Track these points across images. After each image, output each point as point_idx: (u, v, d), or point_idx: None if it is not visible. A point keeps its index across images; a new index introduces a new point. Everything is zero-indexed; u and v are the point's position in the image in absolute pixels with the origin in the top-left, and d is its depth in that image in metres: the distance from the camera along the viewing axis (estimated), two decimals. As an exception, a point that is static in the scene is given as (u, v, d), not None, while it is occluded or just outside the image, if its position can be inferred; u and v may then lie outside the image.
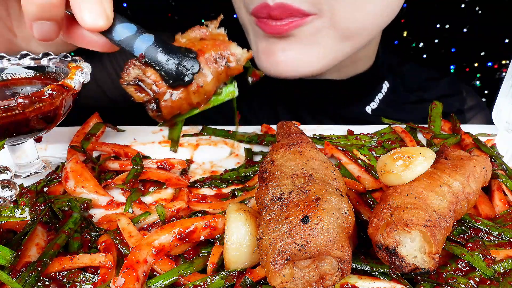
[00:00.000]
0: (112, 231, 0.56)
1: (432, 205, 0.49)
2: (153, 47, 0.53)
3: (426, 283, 0.49)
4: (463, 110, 1.16)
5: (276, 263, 0.41)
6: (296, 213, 0.43)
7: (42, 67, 0.70)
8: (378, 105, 1.10)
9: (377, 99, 1.11)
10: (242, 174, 0.70)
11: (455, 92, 1.18)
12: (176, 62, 0.53)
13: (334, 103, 1.08)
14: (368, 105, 1.10)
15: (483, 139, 0.77)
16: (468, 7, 1.46)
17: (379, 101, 1.11)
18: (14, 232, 0.56)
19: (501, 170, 0.68)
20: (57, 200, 0.61)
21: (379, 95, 1.11)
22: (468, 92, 1.20)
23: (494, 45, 1.50)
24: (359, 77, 1.07)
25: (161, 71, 0.53)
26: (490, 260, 0.51)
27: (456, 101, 1.16)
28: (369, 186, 0.66)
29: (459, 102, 1.17)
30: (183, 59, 0.54)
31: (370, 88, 1.11)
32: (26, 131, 0.62)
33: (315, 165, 0.52)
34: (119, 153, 0.74)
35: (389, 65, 1.14)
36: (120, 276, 0.47)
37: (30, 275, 0.49)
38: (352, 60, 1.01)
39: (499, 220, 0.59)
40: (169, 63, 0.53)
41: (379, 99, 1.11)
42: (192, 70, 0.54)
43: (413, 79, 1.17)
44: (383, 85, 1.12)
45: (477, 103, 1.20)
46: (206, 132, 0.83)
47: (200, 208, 0.62)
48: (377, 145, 0.78)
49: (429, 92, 1.15)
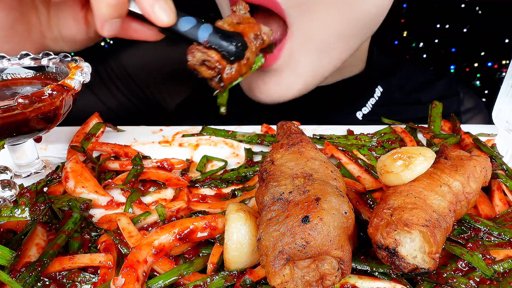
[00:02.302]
0: (112, 231, 0.56)
1: (432, 205, 0.49)
2: (213, 34, 0.68)
3: (426, 283, 0.49)
4: (460, 112, 1.16)
5: (276, 263, 0.41)
6: (296, 213, 0.43)
7: (42, 67, 0.70)
8: (370, 109, 1.10)
9: (369, 104, 1.10)
10: (242, 174, 0.70)
11: (453, 93, 1.17)
12: (234, 44, 0.69)
13: (324, 109, 1.08)
14: (360, 110, 1.09)
15: (483, 139, 0.77)
16: (468, 7, 1.46)
17: (372, 105, 1.10)
18: (14, 232, 0.56)
19: (501, 170, 0.68)
20: (57, 200, 0.61)
21: (371, 100, 1.11)
22: (466, 93, 1.20)
23: (494, 45, 1.50)
24: (348, 83, 1.06)
25: (223, 51, 0.68)
26: (490, 260, 0.51)
27: (453, 103, 1.16)
28: (369, 186, 0.66)
29: (456, 104, 1.16)
30: (237, 41, 0.69)
31: (361, 94, 1.10)
32: (26, 131, 0.62)
33: (315, 165, 0.52)
34: (119, 153, 0.74)
35: (383, 68, 1.14)
36: (120, 276, 0.47)
37: (30, 275, 0.49)
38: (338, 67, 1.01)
39: (499, 220, 0.59)
40: (229, 45, 0.68)
41: (372, 104, 1.10)
42: (244, 48, 0.70)
43: (409, 81, 1.16)
44: (376, 89, 1.12)
45: (475, 105, 1.19)
46: (206, 132, 0.83)
47: (200, 208, 0.62)
48: (377, 145, 0.78)
49: (426, 94, 1.15)
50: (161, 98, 1.18)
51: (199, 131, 0.83)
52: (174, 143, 0.81)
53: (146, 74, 1.17)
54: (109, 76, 1.19)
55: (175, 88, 1.17)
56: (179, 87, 1.17)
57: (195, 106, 1.15)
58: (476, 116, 1.18)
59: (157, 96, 1.18)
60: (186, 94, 1.16)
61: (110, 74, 1.19)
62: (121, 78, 1.18)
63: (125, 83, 1.18)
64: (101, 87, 1.17)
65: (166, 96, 1.18)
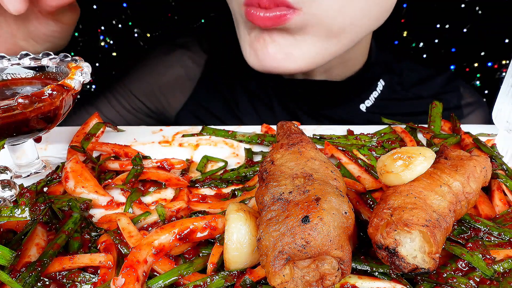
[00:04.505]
0: (112, 231, 0.56)
1: (432, 205, 0.49)
2: None
3: (426, 283, 0.49)
4: (461, 106, 1.17)
5: (276, 263, 0.41)
6: (296, 213, 0.43)
7: (42, 67, 0.70)
8: (373, 103, 1.12)
9: (372, 97, 1.12)
10: (242, 174, 0.70)
11: (452, 88, 1.18)
12: None
13: (329, 104, 1.10)
14: (363, 103, 1.11)
15: (483, 139, 0.77)
16: (468, 7, 1.46)
17: (375, 99, 1.12)
18: (14, 232, 0.56)
19: (501, 170, 0.68)
20: (57, 200, 0.61)
21: (374, 93, 1.12)
22: (465, 88, 1.21)
23: (494, 45, 1.50)
24: (353, 78, 1.08)
25: None
26: (490, 260, 0.51)
27: (453, 97, 1.17)
28: (369, 186, 0.66)
29: (456, 98, 1.17)
30: None
31: (364, 88, 1.12)
32: (26, 131, 0.62)
33: (315, 165, 0.52)
34: (119, 153, 0.74)
35: (384, 63, 1.15)
36: (120, 276, 0.47)
37: (30, 275, 0.49)
38: (341, 61, 1.02)
39: (499, 220, 0.59)
40: None
41: (374, 97, 1.12)
42: None
43: (410, 76, 1.18)
44: (378, 83, 1.13)
45: (476, 100, 1.20)
46: (206, 132, 0.83)
47: (200, 208, 0.62)
48: (377, 145, 0.78)
49: (426, 89, 1.16)
50: (162, 108, 1.20)
51: (199, 131, 0.83)
52: (174, 143, 0.81)
53: (145, 87, 1.19)
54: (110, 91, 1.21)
55: (173, 97, 1.18)
56: (177, 95, 1.18)
57: (194, 110, 1.16)
58: (477, 110, 1.19)
59: (158, 106, 1.20)
60: (184, 101, 1.17)
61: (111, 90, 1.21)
62: (121, 93, 1.20)
63: (126, 97, 1.20)
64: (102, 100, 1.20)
65: (166, 106, 1.19)
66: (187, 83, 1.17)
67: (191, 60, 1.17)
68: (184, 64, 1.17)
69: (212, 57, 1.17)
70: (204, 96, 1.15)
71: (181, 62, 1.17)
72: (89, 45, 1.59)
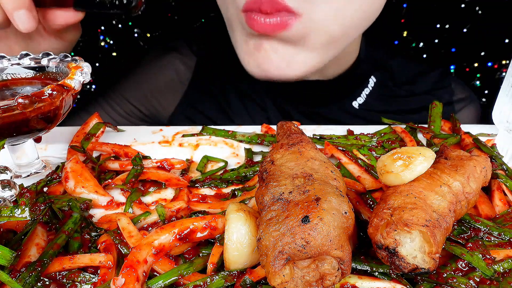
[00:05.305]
0: (112, 231, 0.56)
1: (432, 205, 0.49)
2: None
3: (426, 283, 0.49)
4: (453, 102, 1.17)
5: (276, 263, 0.41)
6: (296, 213, 0.43)
7: (42, 67, 0.70)
8: (365, 99, 1.12)
9: (363, 94, 1.12)
10: (242, 174, 0.70)
11: (444, 84, 1.19)
12: None
13: (321, 102, 1.10)
14: (355, 100, 1.11)
15: (483, 139, 0.77)
16: (468, 7, 1.45)
17: (366, 95, 1.12)
18: (14, 232, 0.56)
19: (501, 170, 0.68)
20: (57, 200, 0.61)
21: (365, 90, 1.12)
22: (457, 84, 1.21)
23: (494, 45, 1.50)
24: (344, 75, 1.09)
25: None
26: (490, 260, 0.51)
27: (445, 93, 1.17)
28: (369, 186, 0.66)
29: (448, 94, 1.18)
30: None
31: (356, 85, 1.12)
32: (26, 131, 0.62)
33: (315, 165, 0.52)
34: (119, 153, 0.74)
35: (375, 60, 1.15)
36: (120, 276, 0.47)
37: (30, 275, 0.49)
38: (334, 60, 1.03)
39: (499, 220, 0.59)
40: None
41: (366, 94, 1.12)
42: None
43: (402, 73, 1.18)
44: (370, 80, 1.13)
45: (467, 95, 1.21)
46: (206, 132, 0.83)
47: (200, 208, 0.62)
48: (377, 145, 0.78)
49: (418, 85, 1.17)
50: (155, 111, 1.20)
51: (199, 131, 0.83)
52: (174, 143, 0.81)
53: (138, 92, 1.20)
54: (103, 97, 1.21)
55: (165, 100, 1.18)
56: (169, 98, 1.18)
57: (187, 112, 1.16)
58: (469, 105, 1.19)
59: (151, 110, 1.20)
60: (177, 104, 1.17)
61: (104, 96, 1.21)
62: (114, 98, 1.21)
63: (119, 102, 1.20)
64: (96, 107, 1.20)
65: (159, 109, 1.20)
66: (179, 86, 1.18)
67: (182, 63, 1.17)
68: (175, 67, 1.17)
69: (203, 59, 1.18)
70: (196, 98, 1.16)
71: (172, 65, 1.17)
72: (89, 45, 1.59)
